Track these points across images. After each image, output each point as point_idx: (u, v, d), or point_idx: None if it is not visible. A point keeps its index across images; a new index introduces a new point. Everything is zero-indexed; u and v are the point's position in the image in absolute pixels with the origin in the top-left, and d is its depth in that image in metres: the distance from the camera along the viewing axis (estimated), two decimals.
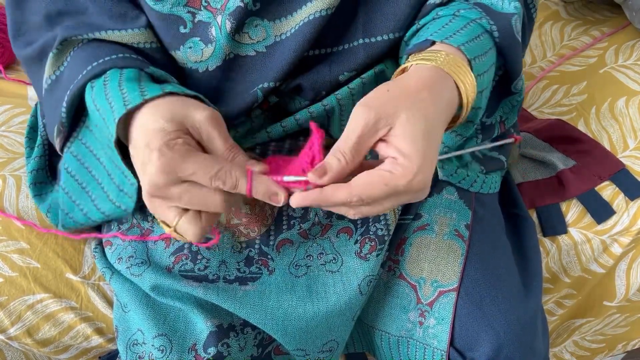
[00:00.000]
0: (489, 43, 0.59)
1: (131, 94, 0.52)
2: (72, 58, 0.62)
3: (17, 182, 0.77)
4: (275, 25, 0.61)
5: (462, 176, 0.71)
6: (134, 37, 0.61)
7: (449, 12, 0.60)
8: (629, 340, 1.00)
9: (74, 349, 0.75)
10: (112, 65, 0.57)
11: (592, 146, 0.88)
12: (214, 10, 0.60)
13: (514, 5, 0.60)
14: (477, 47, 0.57)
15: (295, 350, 0.64)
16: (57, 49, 0.62)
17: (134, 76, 0.55)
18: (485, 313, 0.64)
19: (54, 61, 0.63)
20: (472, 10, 0.60)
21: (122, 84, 0.54)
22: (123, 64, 0.57)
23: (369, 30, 0.63)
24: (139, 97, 0.51)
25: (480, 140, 0.72)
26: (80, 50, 0.62)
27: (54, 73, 0.63)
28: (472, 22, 0.59)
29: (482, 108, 0.61)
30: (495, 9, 0.61)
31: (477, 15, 0.59)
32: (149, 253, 0.66)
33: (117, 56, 0.58)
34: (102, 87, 0.55)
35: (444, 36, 0.56)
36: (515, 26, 0.60)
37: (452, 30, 0.57)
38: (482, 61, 0.57)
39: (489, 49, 0.59)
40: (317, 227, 0.67)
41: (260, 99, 0.63)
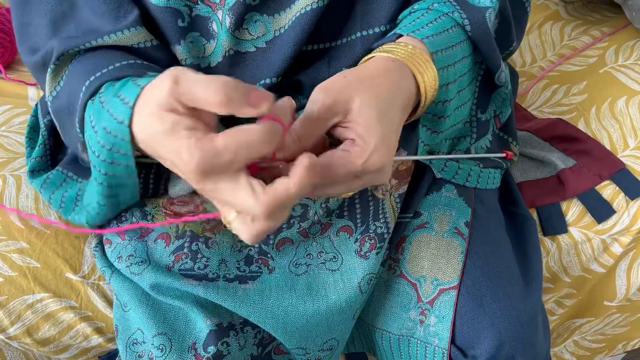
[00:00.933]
0: (460, 36, 0.61)
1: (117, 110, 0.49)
2: (69, 72, 0.61)
3: (17, 182, 0.77)
4: (274, 19, 0.61)
5: (454, 169, 0.71)
6: (130, 38, 0.60)
7: (424, 5, 0.62)
8: (629, 340, 1.00)
9: (73, 349, 0.75)
10: (107, 79, 0.55)
11: (592, 146, 0.88)
12: (213, 5, 0.60)
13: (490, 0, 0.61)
14: (442, 40, 0.58)
15: (296, 349, 0.64)
16: (54, 64, 0.61)
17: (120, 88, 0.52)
18: (486, 310, 0.64)
19: (52, 77, 0.62)
20: (445, 4, 0.61)
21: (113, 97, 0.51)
22: (119, 74, 0.55)
23: (366, 22, 0.63)
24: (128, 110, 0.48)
25: (475, 138, 0.72)
26: (77, 63, 0.60)
27: (54, 89, 0.63)
28: (443, 16, 0.60)
29: (454, 102, 0.62)
30: (471, 2, 0.62)
31: (450, 9, 0.61)
32: (148, 252, 0.66)
33: (113, 66, 0.57)
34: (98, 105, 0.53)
35: (410, 29, 0.58)
36: (490, 19, 0.61)
37: (421, 23, 0.59)
38: (448, 54, 0.58)
39: (459, 42, 0.60)
40: (316, 225, 0.67)
41: None
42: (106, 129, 0.50)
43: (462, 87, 0.63)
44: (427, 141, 0.65)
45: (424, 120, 0.62)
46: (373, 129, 0.48)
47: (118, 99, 0.49)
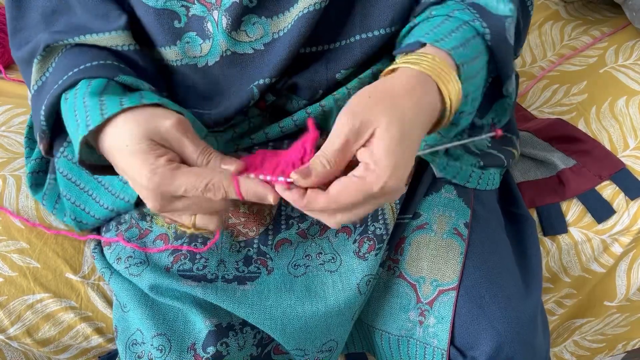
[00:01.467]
0: (480, 46, 0.59)
1: (92, 112, 0.52)
2: (55, 64, 0.62)
3: (17, 182, 0.78)
4: (273, 22, 0.61)
5: (456, 170, 0.71)
6: (112, 39, 0.61)
7: (443, 12, 0.60)
8: (629, 340, 1.00)
9: (73, 349, 0.75)
10: (83, 76, 0.57)
11: (592, 146, 0.88)
12: (209, 5, 0.60)
13: (509, 8, 0.60)
14: (467, 52, 0.57)
15: (294, 350, 0.64)
16: (40, 55, 0.62)
17: (98, 89, 0.55)
18: (485, 311, 0.64)
19: (38, 68, 0.63)
20: (465, 12, 0.60)
21: (85, 98, 0.54)
22: (93, 73, 0.57)
23: (365, 25, 0.63)
24: (99, 117, 0.51)
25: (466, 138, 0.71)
26: (63, 57, 0.62)
27: (39, 79, 0.64)
28: (464, 25, 0.59)
29: (468, 112, 0.61)
30: (489, 9, 0.60)
31: (470, 18, 0.59)
32: (147, 253, 0.66)
33: (90, 64, 0.58)
34: (72, 100, 0.55)
35: (434, 38, 0.56)
36: (509, 29, 0.60)
37: (443, 32, 0.57)
38: (471, 66, 0.57)
39: (479, 53, 0.59)
40: (315, 226, 0.67)
41: (257, 96, 0.62)
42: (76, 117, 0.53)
43: (476, 97, 0.62)
44: (431, 142, 0.65)
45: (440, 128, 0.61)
46: (392, 153, 0.48)
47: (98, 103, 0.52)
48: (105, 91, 0.55)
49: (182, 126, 0.51)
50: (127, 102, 0.52)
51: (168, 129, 0.51)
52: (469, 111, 0.61)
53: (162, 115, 0.52)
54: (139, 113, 0.52)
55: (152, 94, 0.56)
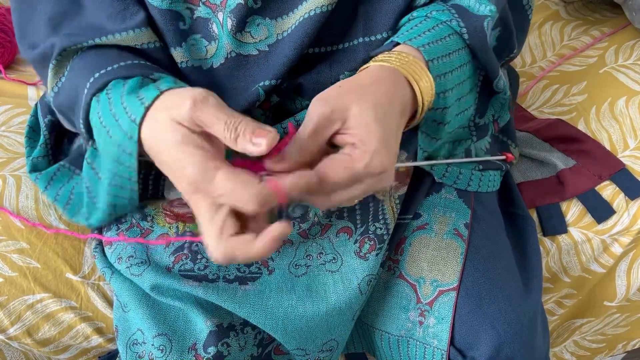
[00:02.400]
0: (458, 44, 0.61)
1: (133, 108, 0.51)
2: (71, 67, 0.61)
3: (17, 182, 0.77)
4: (277, 23, 0.61)
5: (455, 175, 0.71)
6: (135, 38, 0.60)
7: (422, 13, 0.62)
8: (629, 340, 1.00)
9: (73, 349, 0.75)
10: (114, 76, 0.56)
11: (592, 146, 0.88)
12: (213, 7, 0.60)
13: (489, 9, 0.61)
14: (438, 49, 0.58)
15: (295, 350, 0.64)
16: (56, 59, 0.61)
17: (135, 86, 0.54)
18: (485, 312, 0.64)
19: (54, 73, 0.62)
20: (444, 12, 0.61)
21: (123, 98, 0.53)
22: (126, 73, 0.56)
23: (369, 29, 0.63)
24: (141, 107, 0.50)
25: (475, 140, 0.72)
26: (79, 59, 0.61)
27: (56, 85, 0.63)
28: (441, 24, 0.61)
29: (453, 109, 0.62)
30: (471, 11, 0.62)
31: (448, 17, 0.61)
32: (148, 253, 0.66)
33: (118, 65, 0.57)
34: (106, 101, 0.55)
35: (408, 37, 0.58)
36: (487, 28, 0.61)
37: (418, 31, 0.59)
38: (444, 62, 0.58)
39: (456, 50, 0.61)
40: (316, 227, 0.67)
41: (262, 98, 0.63)
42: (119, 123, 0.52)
43: (463, 94, 0.63)
44: (425, 147, 0.65)
45: (423, 126, 0.62)
46: (373, 132, 0.49)
47: (136, 98, 0.52)
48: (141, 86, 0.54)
49: (200, 103, 0.47)
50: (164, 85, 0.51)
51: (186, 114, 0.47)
52: (458, 109, 0.62)
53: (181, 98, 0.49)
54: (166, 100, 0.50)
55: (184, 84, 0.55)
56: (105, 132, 0.54)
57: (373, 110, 0.50)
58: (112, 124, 0.53)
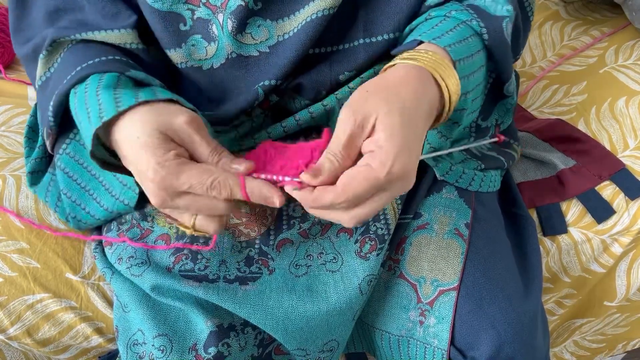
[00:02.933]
0: (478, 45, 0.60)
1: (106, 105, 0.52)
2: (61, 60, 0.62)
3: (17, 182, 0.77)
4: (278, 25, 0.61)
5: (458, 174, 0.71)
6: (120, 37, 0.61)
7: (441, 13, 0.61)
8: (629, 340, 1.00)
9: (73, 349, 0.75)
10: (93, 70, 0.57)
11: (592, 146, 0.88)
12: (214, 8, 0.60)
13: (506, 9, 0.61)
14: (463, 49, 0.58)
15: (296, 350, 0.64)
16: (47, 50, 0.62)
17: (111, 83, 0.55)
18: (485, 312, 0.64)
19: (43, 63, 0.63)
20: (463, 12, 0.61)
21: (99, 91, 0.54)
22: (105, 68, 0.57)
23: (369, 30, 0.63)
24: (113, 110, 0.51)
25: (473, 140, 0.72)
26: (69, 53, 0.62)
27: (44, 74, 0.64)
28: (462, 24, 0.60)
29: (469, 110, 0.62)
30: (488, 11, 0.62)
31: (468, 17, 0.60)
32: (149, 253, 0.66)
33: (99, 59, 0.58)
34: (83, 94, 0.55)
35: (432, 36, 0.57)
36: (506, 29, 0.61)
37: (441, 31, 0.58)
38: (468, 63, 0.58)
39: (477, 52, 0.60)
40: (317, 226, 0.67)
41: (261, 97, 0.63)
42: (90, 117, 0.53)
43: (477, 96, 0.63)
44: (434, 144, 0.65)
45: (441, 125, 0.62)
46: (395, 137, 0.48)
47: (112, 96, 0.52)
48: (118, 85, 0.55)
49: (195, 123, 0.51)
50: (143, 96, 0.52)
51: (181, 125, 0.50)
52: (470, 109, 0.62)
53: (176, 110, 0.51)
54: (153, 107, 0.52)
55: (165, 90, 0.55)
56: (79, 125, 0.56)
57: (400, 113, 0.49)
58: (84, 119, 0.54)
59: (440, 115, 0.57)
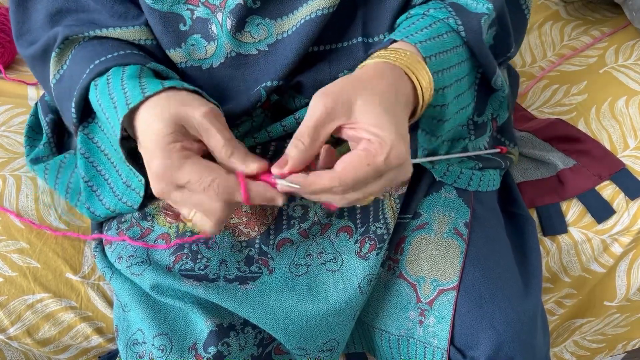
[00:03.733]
0: (455, 41, 0.61)
1: (132, 92, 0.52)
2: (72, 56, 0.63)
3: (17, 182, 0.77)
4: (277, 23, 0.61)
5: (456, 174, 0.71)
6: (134, 33, 0.62)
7: (419, 11, 0.63)
8: (629, 340, 1.00)
9: (73, 349, 0.75)
10: (114, 63, 0.58)
11: (592, 146, 0.88)
12: (213, 7, 0.60)
13: (486, 7, 0.62)
14: (435, 45, 0.58)
15: (296, 350, 0.64)
16: (59, 47, 0.63)
17: (135, 73, 0.56)
18: (485, 311, 0.64)
19: (56, 61, 0.64)
20: (441, 10, 0.62)
21: (124, 81, 0.54)
22: (125, 61, 0.58)
23: (368, 29, 0.64)
24: (140, 95, 0.52)
25: (474, 138, 0.72)
26: (81, 49, 0.62)
27: (57, 72, 0.64)
28: (438, 22, 0.61)
29: (453, 106, 0.62)
30: (469, 9, 0.63)
31: (445, 15, 0.61)
32: (149, 252, 0.66)
33: (118, 53, 0.59)
34: (105, 85, 0.56)
35: (405, 34, 0.58)
36: (484, 26, 0.62)
37: (415, 29, 0.59)
38: (441, 59, 0.59)
39: (454, 47, 0.61)
40: (317, 226, 0.67)
41: (264, 98, 0.63)
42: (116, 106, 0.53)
43: (461, 92, 0.63)
44: (425, 145, 0.65)
45: (423, 124, 0.63)
46: (385, 124, 0.49)
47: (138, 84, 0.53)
48: (142, 75, 0.55)
49: (213, 116, 0.51)
50: (169, 83, 0.53)
51: (198, 116, 0.50)
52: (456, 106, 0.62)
53: (196, 101, 0.52)
54: (176, 95, 0.52)
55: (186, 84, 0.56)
56: (104, 116, 0.56)
57: (380, 102, 0.50)
58: (109, 108, 0.54)
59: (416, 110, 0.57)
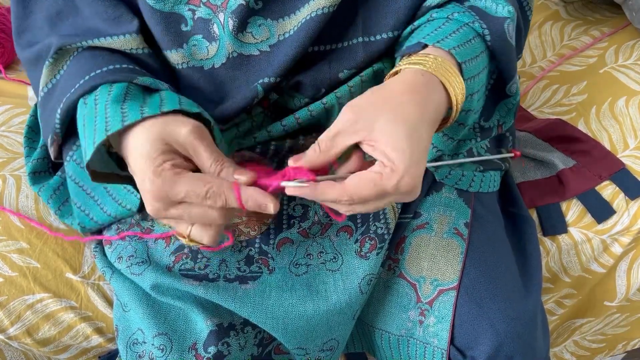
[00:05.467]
0: (481, 46, 0.61)
1: (113, 119, 0.52)
2: (67, 68, 0.63)
3: (17, 182, 0.77)
4: (279, 24, 0.61)
5: (458, 176, 0.71)
6: (125, 43, 0.61)
7: (443, 15, 0.61)
8: (629, 340, 1.00)
9: (73, 349, 0.75)
10: (101, 81, 0.57)
11: (592, 146, 0.88)
12: (214, 7, 0.60)
13: (507, 10, 0.61)
14: (467, 51, 0.58)
15: (296, 349, 0.64)
16: (52, 57, 0.62)
17: (119, 95, 0.55)
18: (485, 311, 0.64)
19: (48, 71, 0.63)
20: (465, 14, 0.61)
21: (107, 105, 0.54)
22: (113, 77, 0.57)
23: (368, 29, 0.63)
24: (119, 124, 0.51)
25: (479, 140, 0.72)
26: (76, 61, 0.62)
27: (50, 82, 0.64)
28: (464, 26, 0.60)
29: (474, 111, 0.62)
30: (489, 12, 0.62)
31: (470, 19, 0.60)
32: (149, 252, 0.66)
33: (107, 69, 0.59)
34: (92, 106, 0.56)
35: (435, 39, 0.57)
36: (508, 30, 0.61)
37: (444, 33, 0.58)
38: (473, 65, 0.58)
39: (480, 53, 0.60)
40: (317, 226, 0.67)
41: (261, 95, 0.63)
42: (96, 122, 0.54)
43: (481, 97, 0.63)
44: (440, 146, 0.65)
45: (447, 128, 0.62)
46: (401, 149, 0.49)
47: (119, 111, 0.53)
48: (126, 98, 0.55)
49: (198, 133, 0.52)
50: (147, 111, 0.53)
51: (184, 136, 0.51)
52: (475, 109, 0.62)
53: (179, 121, 0.52)
54: (157, 120, 0.52)
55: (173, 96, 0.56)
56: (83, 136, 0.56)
57: (403, 124, 0.50)
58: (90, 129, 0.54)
59: (447, 118, 0.57)
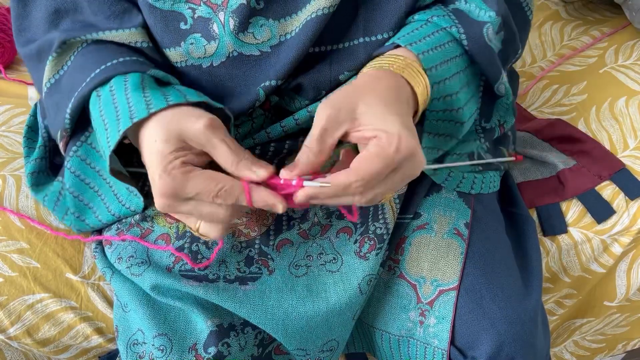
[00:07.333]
0: (456, 50, 0.62)
1: (137, 106, 0.53)
2: (72, 63, 0.63)
3: (17, 182, 0.78)
4: (280, 24, 0.61)
5: (458, 179, 0.71)
6: (130, 36, 0.62)
7: (423, 17, 0.63)
8: (629, 340, 1.00)
9: (73, 349, 0.75)
10: (114, 72, 0.58)
11: (592, 146, 0.88)
12: (214, 7, 0.60)
13: (488, 15, 0.62)
14: (438, 55, 0.59)
15: (296, 350, 0.64)
16: (56, 52, 0.63)
17: (138, 83, 0.56)
18: (485, 311, 0.64)
19: (53, 65, 0.64)
20: (444, 18, 0.62)
21: (128, 92, 0.55)
22: (125, 69, 0.58)
23: (369, 29, 0.63)
24: (145, 111, 0.52)
25: (483, 141, 0.72)
26: (81, 55, 0.62)
27: (52, 77, 0.64)
28: (441, 30, 0.61)
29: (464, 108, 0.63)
30: (471, 16, 0.63)
31: (448, 24, 0.62)
32: (149, 253, 0.66)
33: (118, 61, 0.59)
34: (109, 96, 0.56)
35: (408, 41, 0.59)
36: (487, 34, 0.62)
37: (419, 36, 0.60)
38: (443, 68, 0.59)
39: (455, 57, 0.62)
40: (316, 227, 0.67)
41: (262, 98, 0.63)
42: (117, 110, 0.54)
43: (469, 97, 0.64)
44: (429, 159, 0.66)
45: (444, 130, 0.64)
46: (389, 119, 0.50)
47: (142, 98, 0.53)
48: (144, 85, 0.56)
49: (214, 127, 0.52)
50: (172, 99, 0.53)
51: (200, 130, 0.51)
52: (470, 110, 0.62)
53: (196, 115, 0.52)
54: (178, 111, 0.53)
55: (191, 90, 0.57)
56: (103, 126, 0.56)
57: (381, 101, 0.51)
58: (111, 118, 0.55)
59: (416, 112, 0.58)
